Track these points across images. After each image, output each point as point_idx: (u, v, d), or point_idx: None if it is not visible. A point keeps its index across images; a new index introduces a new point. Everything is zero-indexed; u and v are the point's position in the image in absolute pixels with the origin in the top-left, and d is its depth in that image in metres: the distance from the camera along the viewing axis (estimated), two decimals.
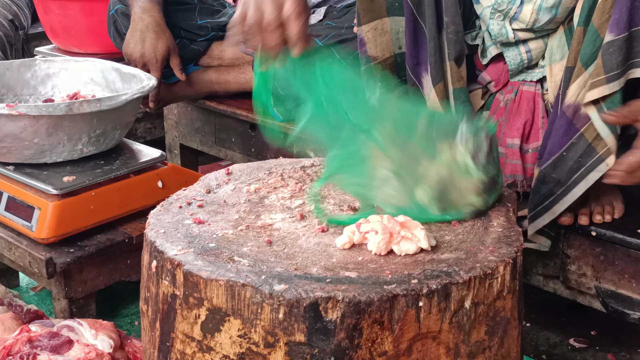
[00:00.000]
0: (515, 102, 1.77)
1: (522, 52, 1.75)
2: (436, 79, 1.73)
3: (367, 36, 1.78)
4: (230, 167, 1.51)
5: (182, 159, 2.84)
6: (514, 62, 1.75)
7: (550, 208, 1.67)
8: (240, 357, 1.10)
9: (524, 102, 1.77)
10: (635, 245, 1.66)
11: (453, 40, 1.71)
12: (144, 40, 2.39)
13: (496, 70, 1.81)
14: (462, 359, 1.13)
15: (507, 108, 1.78)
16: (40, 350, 1.50)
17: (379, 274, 1.11)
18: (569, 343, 1.98)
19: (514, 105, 1.78)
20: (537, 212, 1.69)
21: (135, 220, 1.96)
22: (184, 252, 1.17)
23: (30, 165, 1.92)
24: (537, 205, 1.68)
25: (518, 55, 1.75)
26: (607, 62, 1.52)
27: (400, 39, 1.81)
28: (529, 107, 1.76)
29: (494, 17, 1.72)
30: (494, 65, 1.82)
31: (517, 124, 1.76)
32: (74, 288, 1.85)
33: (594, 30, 1.55)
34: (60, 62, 2.24)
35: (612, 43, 1.52)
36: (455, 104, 1.75)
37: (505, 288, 1.15)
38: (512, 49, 1.76)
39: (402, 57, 1.81)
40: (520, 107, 1.77)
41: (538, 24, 1.69)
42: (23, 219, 1.84)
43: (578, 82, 1.58)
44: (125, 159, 2.01)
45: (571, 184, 1.64)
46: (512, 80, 1.79)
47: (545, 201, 1.67)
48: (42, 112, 1.80)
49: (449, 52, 1.72)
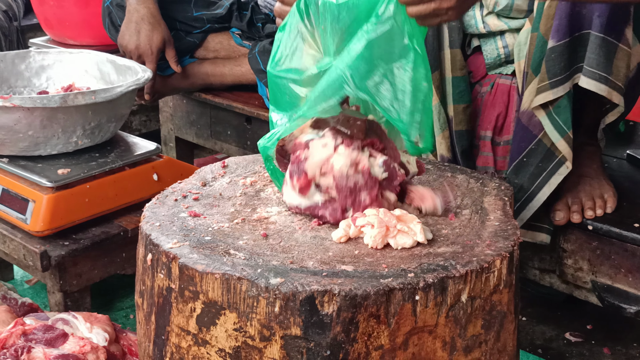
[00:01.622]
0: (491, 94, 1.78)
1: (500, 46, 1.76)
2: (432, 67, 1.74)
3: None
4: (226, 160, 1.50)
5: (177, 152, 2.83)
6: (490, 57, 1.77)
7: (517, 214, 1.67)
8: (235, 350, 1.10)
9: (499, 95, 1.78)
10: (631, 239, 1.66)
11: (457, 28, 1.72)
12: (139, 32, 2.38)
13: (475, 62, 1.83)
14: (459, 353, 1.13)
15: (483, 100, 1.79)
16: (35, 344, 1.50)
17: (375, 268, 1.10)
18: (565, 337, 1.98)
19: (489, 97, 1.79)
20: None
21: (130, 213, 1.95)
22: (180, 245, 1.16)
23: (24, 158, 1.91)
24: None
25: (495, 50, 1.76)
26: (550, 68, 1.54)
27: None
28: (503, 101, 1.77)
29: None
30: (474, 56, 1.83)
31: (491, 116, 1.78)
32: (68, 281, 1.84)
33: (541, 37, 1.57)
34: (54, 54, 2.23)
35: (554, 49, 1.53)
36: (453, 93, 1.75)
37: (502, 282, 1.15)
38: (489, 43, 1.77)
39: None
40: (495, 99, 1.78)
41: (498, 7, 1.69)
42: (17, 212, 1.83)
43: (530, 89, 1.60)
44: (120, 151, 2.00)
45: (535, 189, 1.65)
46: (490, 73, 1.80)
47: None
48: (36, 104, 1.79)
49: (451, 40, 1.72)
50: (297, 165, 1.23)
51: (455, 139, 1.77)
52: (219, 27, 2.58)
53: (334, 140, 1.21)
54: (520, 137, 1.63)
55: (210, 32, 2.58)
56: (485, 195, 1.35)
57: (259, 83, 2.47)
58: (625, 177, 1.94)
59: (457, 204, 1.32)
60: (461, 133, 1.77)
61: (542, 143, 1.62)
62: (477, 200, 1.33)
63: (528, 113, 1.61)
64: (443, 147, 1.79)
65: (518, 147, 1.65)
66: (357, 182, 1.20)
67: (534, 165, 1.63)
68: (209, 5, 2.59)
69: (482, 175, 1.44)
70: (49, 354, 1.46)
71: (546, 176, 1.63)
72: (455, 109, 1.76)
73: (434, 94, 1.76)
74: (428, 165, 1.47)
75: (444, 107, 1.76)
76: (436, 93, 1.75)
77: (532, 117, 1.61)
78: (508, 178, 1.67)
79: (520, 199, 1.66)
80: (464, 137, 1.77)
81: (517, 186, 1.65)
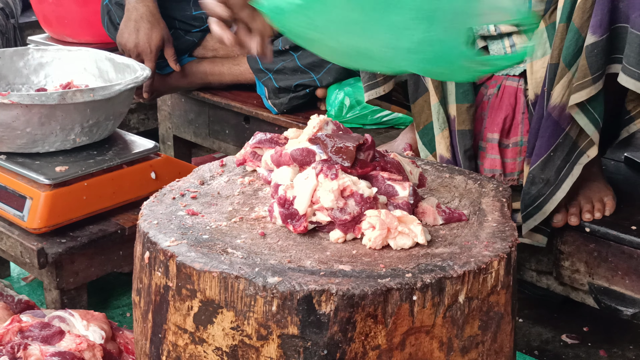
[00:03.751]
0: (498, 97, 1.78)
1: (507, 46, 1.75)
2: None
3: None
4: (224, 159, 1.50)
5: (175, 151, 2.83)
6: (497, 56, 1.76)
7: (541, 208, 1.68)
8: (232, 349, 1.10)
9: (506, 98, 1.77)
10: (628, 241, 1.66)
11: None
12: (138, 30, 2.38)
13: None
14: (455, 354, 1.13)
15: (489, 103, 1.78)
16: (31, 341, 1.50)
17: (373, 268, 1.10)
18: (561, 339, 1.98)
19: (495, 100, 1.78)
20: (528, 213, 1.70)
21: (128, 211, 1.95)
22: (177, 243, 1.16)
23: (22, 155, 1.91)
24: (527, 206, 1.69)
25: (502, 49, 1.75)
26: (592, 64, 1.53)
27: None
28: (510, 103, 1.76)
29: None
30: None
31: (497, 118, 1.77)
32: (65, 279, 1.84)
33: (576, 30, 1.55)
34: (53, 52, 2.23)
35: (596, 45, 1.52)
36: (457, 92, 1.74)
37: (499, 283, 1.15)
38: (496, 42, 1.76)
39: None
40: (502, 102, 1.77)
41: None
42: (15, 209, 1.83)
43: (562, 83, 1.59)
44: (118, 149, 1.99)
45: (559, 182, 1.65)
46: (496, 74, 1.80)
47: (536, 202, 1.68)
48: (34, 101, 1.79)
49: None
50: (287, 208, 1.19)
51: (457, 139, 1.77)
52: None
53: (315, 169, 1.19)
54: (550, 132, 1.62)
55: (209, 31, 2.57)
56: (483, 197, 1.35)
57: (257, 82, 2.47)
58: (623, 179, 1.95)
59: (455, 205, 1.32)
60: (464, 133, 1.76)
61: (569, 136, 1.62)
62: (475, 201, 1.33)
63: (560, 107, 1.60)
64: (442, 147, 1.79)
65: (547, 142, 1.64)
66: (351, 211, 1.18)
67: (560, 159, 1.64)
68: None
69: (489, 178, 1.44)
70: (45, 351, 1.46)
71: (569, 168, 1.64)
72: (459, 108, 1.75)
73: (433, 93, 1.76)
74: (426, 166, 1.47)
75: (443, 107, 1.76)
76: (436, 93, 1.75)
77: (562, 111, 1.60)
78: (531, 175, 1.67)
79: (544, 193, 1.67)
80: (467, 137, 1.77)
81: (543, 181, 1.66)
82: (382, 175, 1.24)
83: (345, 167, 1.20)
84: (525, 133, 1.75)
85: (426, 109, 1.81)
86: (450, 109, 1.77)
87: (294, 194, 1.19)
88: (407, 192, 1.22)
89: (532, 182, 1.67)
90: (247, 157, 1.43)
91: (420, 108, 1.83)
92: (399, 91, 1.96)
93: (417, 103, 1.83)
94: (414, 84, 1.82)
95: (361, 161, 1.23)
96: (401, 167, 1.28)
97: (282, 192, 1.19)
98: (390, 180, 1.23)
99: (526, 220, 1.70)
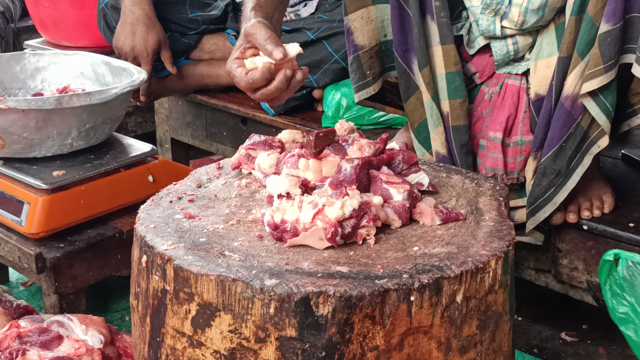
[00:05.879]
0: (500, 95, 1.77)
1: (509, 43, 1.75)
2: (422, 64, 1.74)
3: (354, 25, 1.79)
4: (221, 162, 1.50)
5: (173, 154, 2.83)
6: (500, 53, 1.75)
7: (551, 199, 1.68)
8: (231, 352, 1.10)
9: (509, 96, 1.77)
10: (626, 239, 1.66)
11: (447, 24, 1.71)
12: (134, 33, 2.38)
13: (481, 62, 1.81)
14: (454, 354, 1.13)
15: (492, 101, 1.78)
16: (30, 346, 1.49)
17: (370, 269, 1.10)
18: (561, 337, 1.98)
19: (498, 98, 1.78)
20: (538, 205, 1.69)
21: (125, 215, 1.95)
22: (175, 247, 1.16)
23: (19, 160, 1.91)
24: (537, 198, 1.68)
25: (505, 47, 1.75)
26: (605, 52, 1.53)
27: (385, 27, 1.81)
28: (513, 102, 1.76)
29: (485, 12, 1.72)
30: (479, 56, 1.82)
31: (500, 117, 1.77)
32: (64, 283, 1.84)
33: (589, 19, 1.55)
34: (49, 56, 2.23)
35: (609, 33, 1.52)
36: (449, 88, 1.74)
37: (497, 282, 1.15)
38: (499, 40, 1.76)
39: (387, 45, 1.82)
40: (505, 101, 1.77)
41: (526, 25, 1.69)
42: (12, 214, 1.83)
43: (575, 73, 1.58)
44: (115, 153, 1.99)
45: (569, 172, 1.65)
46: (498, 72, 1.79)
47: (546, 193, 1.68)
48: (31, 106, 1.79)
49: (442, 37, 1.72)
50: (278, 231, 1.19)
51: (452, 135, 1.77)
52: (214, 29, 2.58)
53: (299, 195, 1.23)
54: (562, 123, 1.62)
55: (206, 33, 2.58)
56: (480, 196, 1.35)
57: None
58: (621, 176, 1.95)
59: (453, 205, 1.32)
60: (459, 128, 1.76)
61: (581, 126, 1.62)
62: (472, 200, 1.34)
63: (572, 97, 1.60)
64: (437, 143, 1.79)
65: (559, 133, 1.63)
66: (343, 230, 1.18)
67: (572, 149, 1.64)
68: (204, 7, 2.59)
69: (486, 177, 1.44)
70: (44, 356, 1.46)
71: (580, 157, 1.65)
72: (452, 104, 1.75)
73: (425, 90, 1.76)
74: (423, 166, 1.47)
75: (436, 104, 1.76)
76: (427, 90, 1.75)
77: (575, 101, 1.61)
78: (543, 166, 1.66)
79: (556, 184, 1.66)
80: (462, 132, 1.76)
81: (555, 172, 1.66)
82: (381, 178, 1.26)
83: (306, 154, 1.32)
84: (525, 133, 1.74)
85: (419, 106, 1.81)
86: (443, 106, 1.77)
87: (281, 217, 1.19)
88: (401, 197, 1.24)
89: (544, 174, 1.67)
90: (241, 160, 1.43)
91: (413, 106, 1.83)
92: (393, 92, 1.96)
93: (410, 102, 1.83)
94: (405, 83, 1.82)
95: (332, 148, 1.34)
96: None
97: (269, 218, 1.19)
98: (388, 183, 1.25)
99: (534, 214, 1.70)
